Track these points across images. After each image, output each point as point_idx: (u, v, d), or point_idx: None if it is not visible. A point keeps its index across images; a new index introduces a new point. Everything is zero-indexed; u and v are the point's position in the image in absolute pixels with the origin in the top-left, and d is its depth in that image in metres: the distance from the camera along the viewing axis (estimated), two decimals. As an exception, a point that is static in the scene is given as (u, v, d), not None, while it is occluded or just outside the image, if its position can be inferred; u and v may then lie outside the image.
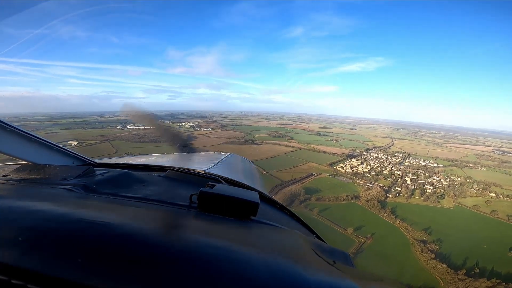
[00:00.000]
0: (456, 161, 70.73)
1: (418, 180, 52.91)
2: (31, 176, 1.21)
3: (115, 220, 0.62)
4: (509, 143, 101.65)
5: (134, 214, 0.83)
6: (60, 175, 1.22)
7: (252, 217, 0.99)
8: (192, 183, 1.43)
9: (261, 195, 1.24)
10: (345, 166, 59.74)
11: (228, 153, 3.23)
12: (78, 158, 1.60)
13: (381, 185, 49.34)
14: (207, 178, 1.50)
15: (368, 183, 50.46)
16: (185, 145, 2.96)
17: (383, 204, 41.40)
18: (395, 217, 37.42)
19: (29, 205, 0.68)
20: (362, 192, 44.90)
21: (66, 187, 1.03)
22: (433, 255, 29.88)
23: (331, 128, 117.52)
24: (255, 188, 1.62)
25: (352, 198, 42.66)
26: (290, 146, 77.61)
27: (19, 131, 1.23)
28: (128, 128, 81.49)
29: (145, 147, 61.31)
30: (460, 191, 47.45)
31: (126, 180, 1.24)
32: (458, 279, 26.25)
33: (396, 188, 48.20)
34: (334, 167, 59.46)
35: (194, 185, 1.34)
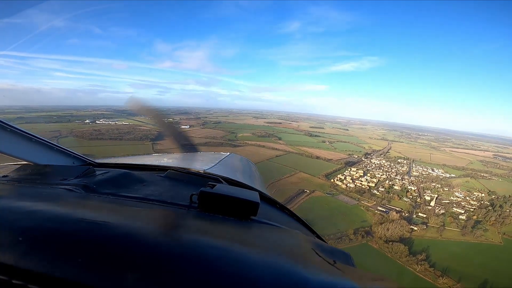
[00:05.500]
0: (465, 169, 62.99)
1: (442, 199, 40.78)
2: (31, 176, 1.22)
3: (115, 220, 0.62)
4: (505, 147, 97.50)
5: (135, 214, 0.83)
6: (60, 175, 1.23)
7: (253, 217, 0.98)
8: (192, 183, 1.44)
9: (261, 195, 1.23)
10: (345, 178, 46.80)
11: (228, 153, 3.20)
12: (78, 158, 1.59)
13: (398, 209, 36.47)
14: (208, 178, 1.50)
15: (380, 206, 37.44)
16: (187, 144, 3.15)
17: (408, 243, 28.21)
18: (434, 269, 24.36)
19: (29, 205, 0.67)
20: (375, 223, 31.65)
21: (66, 187, 1.04)
22: None
23: (323, 128, 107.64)
24: (256, 188, 1.61)
25: (362, 236, 29.03)
26: (276, 149, 64.44)
27: (19, 131, 1.24)
28: (97, 123, 72.07)
29: (99, 146, 48.02)
30: (501, 217, 35.65)
31: (126, 180, 1.25)
32: None
33: (420, 214, 35.57)
34: (332, 180, 46.25)
35: (195, 185, 1.36)
